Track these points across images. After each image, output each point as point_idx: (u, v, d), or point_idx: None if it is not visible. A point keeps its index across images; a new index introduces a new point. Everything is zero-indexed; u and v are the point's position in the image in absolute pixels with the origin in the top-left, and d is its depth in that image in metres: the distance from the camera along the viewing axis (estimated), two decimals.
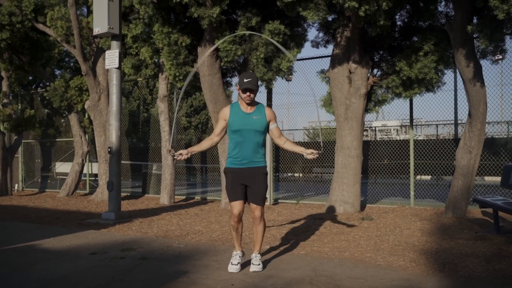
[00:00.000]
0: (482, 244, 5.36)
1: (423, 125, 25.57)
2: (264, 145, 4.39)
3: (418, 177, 17.82)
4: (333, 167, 8.70)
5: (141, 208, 9.61)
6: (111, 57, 7.98)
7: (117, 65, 7.96)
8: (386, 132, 31.99)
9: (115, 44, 8.01)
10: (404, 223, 7.08)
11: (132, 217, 8.06)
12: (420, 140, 12.76)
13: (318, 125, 26.14)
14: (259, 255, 4.36)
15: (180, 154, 4.24)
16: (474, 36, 6.79)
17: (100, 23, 7.82)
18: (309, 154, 4.19)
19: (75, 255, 5.06)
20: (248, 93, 4.19)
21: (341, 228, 6.66)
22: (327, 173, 17.48)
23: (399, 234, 6.19)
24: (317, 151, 4.15)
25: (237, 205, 4.26)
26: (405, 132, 32.28)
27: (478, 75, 6.68)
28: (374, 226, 6.88)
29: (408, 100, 8.80)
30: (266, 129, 4.35)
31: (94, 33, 7.97)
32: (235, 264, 4.30)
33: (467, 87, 6.77)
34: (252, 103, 4.29)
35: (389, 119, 28.84)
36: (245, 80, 4.15)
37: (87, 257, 4.93)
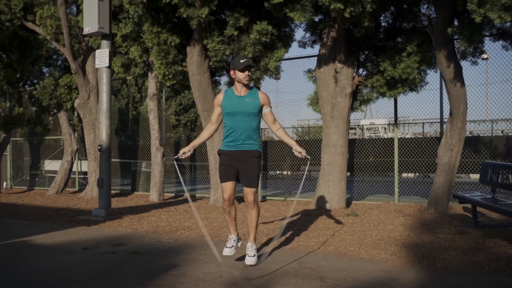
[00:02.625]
0: (460, 238, 5.58)
1: (410, 123, 25.88)
2: (258, 130, 4.47)
3: (405, 174, 18.13)
4: (321, 165, 8.90)
5: (131, 205, 9.74)
6: (101, 56, 8.10)
7: (107, 64, 8.07)
8: (374, 130, 32.33)
9: (105, 43, 8.12)
10: (387, 219, 7.30)
11: (122, 214, 8.19)
12: (407, 138, 13.02)
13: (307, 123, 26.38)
14: (254, 244, 4.44)
15: (184, 153, 4.37)
16: (454, 37, 7.03)
17: (90, 23, 7.93)
18: (298, 152, 4.33)
19: (67, 250, 5.19)
20: (247, 72, 4.29)
21: (327, 224, 6.86)
22: (315, 171, 17.73)
23: (382, 229, 6.41)
24: (306, 154, 4.29)
25: (228, 187, 4.35)
26: (393, 130, 32.55)
27: (458, 76, 6.92)
28: (359, 221, 7.09)
29: (392, 99, 9.04)
30: (260, 113, 4.43)
31: (84, 33, 8.08)
32: (229, 247, 4.41)
33: (448, 87, 7.01)
34: (247, 86, 4.40)
35: (377, 117, 29.12)
36: (241, 61, 4.26)
37: (80, 252, 5.07)
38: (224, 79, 10.46)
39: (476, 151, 11.69)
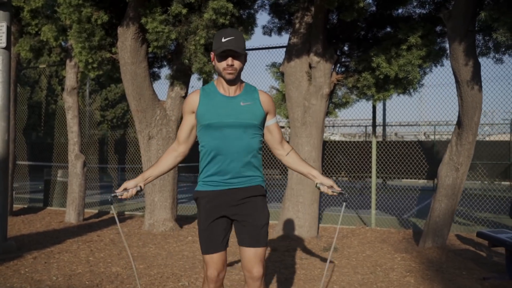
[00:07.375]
0: None
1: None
2: (260, 153, 2.60)
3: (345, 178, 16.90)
4: (280, 168, 7.15)
5: (40, 230, 7.48)
6: None
7: (4, 44, 5.82)
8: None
9: (1, 14, 5.86)
10: (380, 258, 5.67)
11: (24, 249, 5.98)
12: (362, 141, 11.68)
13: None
14: None
15: (125, 189, 2.44)
16: (476, 27, 5.49)
17: None
18: (328, 187, 2.54)
19: None
20: (229, 61, 2.39)
21: (308, 269, 5.10)
22: (271, 174, 15.96)
23: (386, 280, 4.74)
24: (339, 189, 2.52)
25: (215, 261, 2.49)
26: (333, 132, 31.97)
27: (477, 76, 5.41)
28: (346, 263, 5.40)
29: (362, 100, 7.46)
30: (262, 124, 2.59)
31: None
32: None
33: (463, 91, 5.47)
34: (237, 80, 2.51)
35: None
36: (223, 40, 2.37)
37: None
38: (165, 71, 8.44)
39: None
